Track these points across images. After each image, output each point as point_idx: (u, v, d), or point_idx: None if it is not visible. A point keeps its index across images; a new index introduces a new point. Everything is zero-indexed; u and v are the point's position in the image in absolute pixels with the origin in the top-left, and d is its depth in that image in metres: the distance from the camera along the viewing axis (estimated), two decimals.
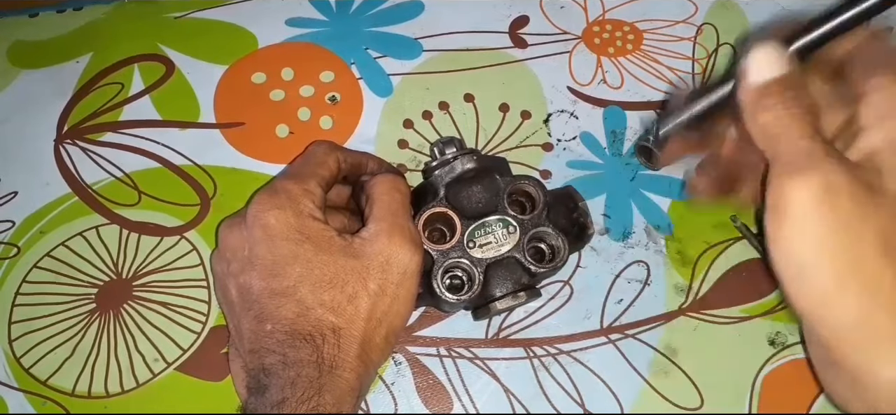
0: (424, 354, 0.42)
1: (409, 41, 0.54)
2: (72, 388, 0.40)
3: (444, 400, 0.40)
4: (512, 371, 0.41)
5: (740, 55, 0.30)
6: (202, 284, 0.44)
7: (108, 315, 0.43)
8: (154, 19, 0.55)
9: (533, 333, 0.42)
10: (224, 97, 0.51)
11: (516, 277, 0.40)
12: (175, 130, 0.50)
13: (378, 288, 0.35)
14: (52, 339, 0.42)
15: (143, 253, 0.45)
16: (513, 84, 0.52)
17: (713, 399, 0.40)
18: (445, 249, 0.39)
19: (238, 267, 0.35)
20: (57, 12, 0.56)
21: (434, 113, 0.50)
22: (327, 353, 0.33)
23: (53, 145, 0.49)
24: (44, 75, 0.52)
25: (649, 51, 0.54)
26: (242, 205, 0.41)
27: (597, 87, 0.52)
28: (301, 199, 0.36)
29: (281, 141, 0.49)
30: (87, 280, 0.44)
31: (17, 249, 0.45)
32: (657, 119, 0.36)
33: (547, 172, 0.48)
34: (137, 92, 0.51)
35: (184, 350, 0.42)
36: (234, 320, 0.36)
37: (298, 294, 0.34)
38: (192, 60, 0.53)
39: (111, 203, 0.46)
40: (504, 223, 0.39)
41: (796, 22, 0.32)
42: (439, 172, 0.41)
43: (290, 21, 0.55)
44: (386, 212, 0.37)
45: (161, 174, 0.48)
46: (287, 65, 0.53)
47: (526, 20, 0.55)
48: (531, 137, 0.49)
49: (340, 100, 0.51)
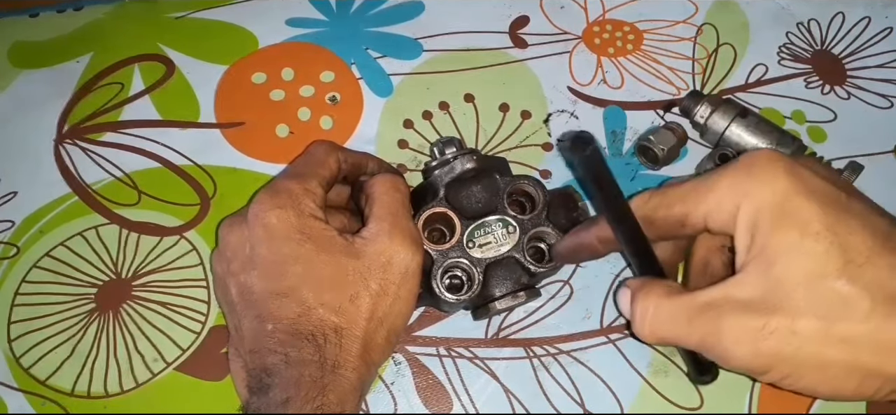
0: (424, 353, 0.42)
1: (410, 41, 0.54)
2: (71, 388, 0.40)
3: (443, 400, 0.40)
4: (512, 371, 0.41)
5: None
6: (202, 284, 0.44)
7: (108, 315, 0.43)
8: (154, 19, 0.55)
9: (533, 332, 0.42)
10: (224, 97, 0.51)
11: (516, 277, 0.40)
12: (175, 130, 0.50)
13: (379, 288, 0.35)
14: (51, 339, 0.42)
15: (142, 253, 0.45)
16: (513, 84, 0.52)
17: (713, 399, 0.40)
18: (445, 249, 0.39)
19: (239, 267, 0.35)
20: (57, 12, 0.56)
21: (434, 113, 0.50)
22: (329, 353, 0.33)
23: (53, 145, 0.49)
24: (44, 75, 0.52)
25: (649, 51, 0.54)
26: (242, 205, 0.41)
27: (597, 87, 0.52)
28: (302, 198, 0.36)
29: (281, 141, 0.49)
30: (87, 280, 0.44)
31: (16, 248, 0.45)
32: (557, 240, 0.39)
33: (547, 172, 0.48)
34: (137, 92, 0.51)
35: (183, 350, 0.42)
36: (235, 319, 0.36)
37: (300, 294, 0.34)
38: (192, 60, 0.53)
39: (111, 203, 0.46)
40: (504, 223, 0.39)
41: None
42: (439, 172, 0.41)
43: (291, 21, 0.55)
44: (386, 212, 0.37)
45: (161, 174, 0.48)
46: (287, 65, 0.53)
47: (526, 20, 0.55)
48: (531, 137, 0.49)
49: (340, 100, 0.51)
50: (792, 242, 0.28)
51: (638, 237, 0.34)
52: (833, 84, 0.52)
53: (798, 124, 0.50)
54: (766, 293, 0.28)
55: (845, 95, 0.52)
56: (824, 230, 0.27)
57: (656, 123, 0.50)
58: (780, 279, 0.28)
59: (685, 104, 0.48)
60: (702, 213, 0.31)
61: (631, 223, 0.33)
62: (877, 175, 0.47)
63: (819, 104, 0.51)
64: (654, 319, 0.31)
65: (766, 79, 0.53)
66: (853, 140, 0.49)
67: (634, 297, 0.32)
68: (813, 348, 0.27)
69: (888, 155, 0.49)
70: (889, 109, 0.51)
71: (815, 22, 0.56)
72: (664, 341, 0.31)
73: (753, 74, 0.53)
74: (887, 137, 0.50)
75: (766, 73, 0.53)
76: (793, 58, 0.54)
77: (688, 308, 0.30)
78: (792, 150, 0.44)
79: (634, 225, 0.33)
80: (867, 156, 0.48)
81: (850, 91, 0.52)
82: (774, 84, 0.52)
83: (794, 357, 0.27)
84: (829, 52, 0.54)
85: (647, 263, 0.34)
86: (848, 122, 0.50)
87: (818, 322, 0.27)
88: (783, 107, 0.51)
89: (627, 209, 0.33)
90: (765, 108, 0.51)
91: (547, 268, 0.39)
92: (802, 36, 0.55)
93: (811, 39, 0.55)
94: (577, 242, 0.38)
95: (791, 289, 0.27)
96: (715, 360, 0.30)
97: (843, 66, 0.54)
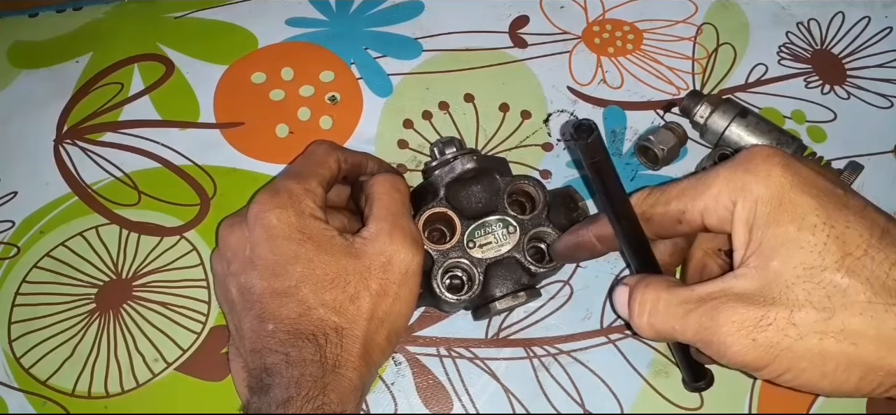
0: (424, 354, 0.42)
1: (409, 41, 0.54)
2: (72, 388, 0.40)
3: (444, 400, 0.40)
4: (512, 371, 0.41)
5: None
6: (202, 285, 0.44)
7: (108, 315, 0.43)
8: (154, 19, 0.55)
9: (533, 333, 0.42)
10: (224, 97, 0.51)
11: (516, 277, 0.40)
12: (175, 130, 0.50)
13: (380, 288, 0.35)
14: (51, 339, 0.42)
15: (142, 253, 0.45)
16: (513, 84, 0.52)
17: (713, 400, 0.40)
18: (445, 249, 0.39)
19: (239, 267, 0.35)
20: (57, 12, 0.56)
21: (434, 113, 0.50)
22: (330, 353, 0.33)
23: (53, 145, 0.49)
24: (44, 75, 0.52)
25: (649, 51, 0.54)
26: (242, 205, 0.41)
27: (597, 87, 0.52)
28: (302, 198, 0.36)
29: (281, 141, 0.49)
30: (87, 280, 0.44)
31: (16, 249, 0.45)
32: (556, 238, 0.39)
33: (547, 172, 0.48)
34: (137, 92, 0.51)
35: (184, 350, 0.42)
36: (235, 319, 0.36)
37: (300, 294, 0.34)
38: (192, 60, 0.53)
39: (111, 203, 0.46)
40: (504, 223, 0.39)
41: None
42: (439, 172, 0.41)
43: (290, 21, 0.55)
44: (386, 212, 0.37)
45: (161, 174, 0.48)
46: (287, 65, 0.52)
47: (526, 20, 0.55)
48: (531, 137, 0.49)
49: (340, 100, 0.51)
50: (790, 236, 0.28)
51: (637, 232, 0.34)
52: (833, 84, 0.52)
53: (798, 124, 0.50)
54: (764, 286, 0.28)
55: (845, 95, 0.52)
56: (822, 223, 0.28)
57: (656, 122, 0.50)
58: (778, 272, 0.28)
59: (685, 104, 0.48)
60: (699, 209, 0.31)
61: (630, 216, 0.33)
62: (877, 175, 0.47)
63: (819, 104, 0.51)
64: (653, 312, 0.31)
65: (765, 79, 0.53)
66: (853, 140, 0.49)
67: (633, 291, 0.32)
68: (812, 340, 0.27)
69: (888, 155, 0.49)
70: (889, 108, 0.51)
71: (815, 22, 0.56)
72: (662, 334, 0.32)
73: (753, 74, 0.53)
74: (887, 137, 0.50)
75: (765, 73, 0.53)
76: (793, 58, 0.54)
77: (685, 301, 0.30)
78: (792, 150, 0.44)
79: (633, 218, 0.33)
80: (867, 156, 0.48)
81: (850, 91, 0.52)
82: (774, 84, 0.52)
83: (792, 350, 0.27)
84: (828, 51, 0.54)
85: (645, 260, 0.34)
86: (848, 122, 0.50)
87: (817, 314, 0.27)
88: (783, 107, 0.51)
89: (627, 200, 0.33)
90: (765, 108, 0.51)
91: (547, 268, 0.39)
92: (802, 36, 0.55)
93: (811, 39, 0.55)
94: (575, 240, 0.38)
95: (790, 282, 0.27)
96: (712, 355, 0.30)
97: (843, 65, 0.54)
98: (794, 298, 0.27)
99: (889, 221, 0.28)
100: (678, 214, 0.32)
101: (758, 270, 0.28)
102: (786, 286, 0.28)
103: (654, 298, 0.31)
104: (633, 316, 0.32)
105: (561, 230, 0.39)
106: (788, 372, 0.28)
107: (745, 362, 0.29)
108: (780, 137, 0.45)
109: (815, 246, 0.27)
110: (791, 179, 0.29)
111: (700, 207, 0.31)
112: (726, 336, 0.28)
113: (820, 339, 0.27)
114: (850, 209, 0.28)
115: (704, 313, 0.29)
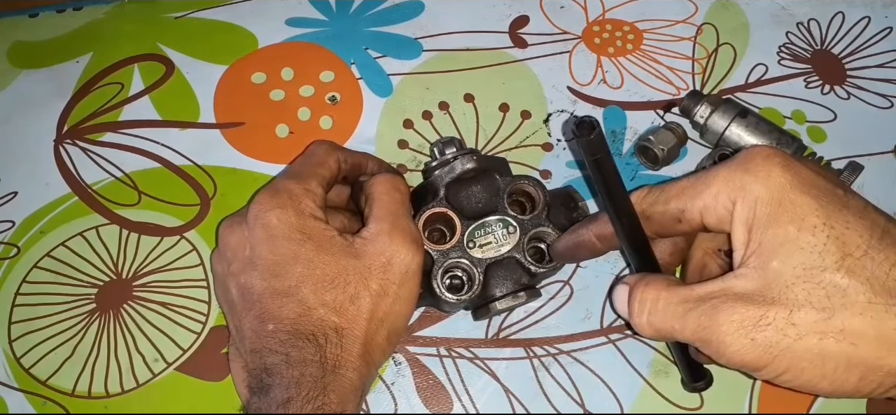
0: (424, 354, 0.42)
1: (409, 41, 0.54)
2: (72, 388, 0.40)
3: (444, 400, 0.40)
4: (512, 371, 0.41)
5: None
6: (202, 285, 0.44)
7: (108, 315, 0.43)
8: (154, 19, 0.55)
9: (533, 333, 0.42)
10: (224, 97, 0.51)
11: (516, 277, 0.40)
12: (175, 130, 0.50)
13: (380, 288, 0.35)
14: (52, 339, 0.42)
15: (142, 253, 0.45)
16: (513, 84, 0.52)
17: (713, 400, 0.40)
18: (445, 250, 0.39)
19: (239, 267, 0.35)
20: (57, 12, 0.56)
21: (434, 113, 0.50)
22: (330, 353, 0.33)
23: (53, 145, 0.49)
24: (44, 75, 0.52)
25: (649, 51, 0.54)
26: (242, 205, 0.41)
27: (597, 87, 0.52)
28: (302, 198, 0.36)
29: (281, 141, 0.49)
30: (87, 280, 0.44)
31: (17, 249, 0.45)
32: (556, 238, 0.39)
33: (547, 172, 0.48)
34: (137, 92, 0.51)
35: (184, 350, 0.42)
36: (235, 319, 0.36)
37: (300, 294, 0.34)
38: (192, 60, 0.53)
39: (111, 203, 0.46)
40: (504, 223, 0.39)
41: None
42: (439, 172, 0.41)
43: (290, 21, 0.55)
44: (386, 212, 0.37)
45: (161, 174, 0.48)
46: (287, 65, 0.53)
47: (526, 20, 0.55)
48: (531, 137, 0.49)
49: (340, 100, 0.51)
50: (789, 236, 0.28)
51: (637, 231, 0.34)
52: (833, 84, 0.52)
53: (798, 124, 0.50)
54: (763, 286, 0.28)
55: (845, 95, 0.52)
56: (822, 224, 0.28)
57: (656, 123, 0.50)
58: (778, 272, 0.28)
59: (685, 104, 0.48)
60: (698, 208, 0.31)
61: (631, 214, 0.33)
62: (877, 175, 0.47)
63: (819, 104, 0.51)
64: (653, 310, 0.31)
65: (765, 79, 0.53)
66: (853, 140, 0.49)
67: (633, 290, 0.32)
68: (811, 340, 0.27)
69: (888, 155, 0.49)
70: (889, 108, 0.51)
71: (815, 22, 0.56)
72: (661, 333, 0.32)
73: (753, 74, 0.53)
74: (887, 137, 0.50)
75: (765, 73, 0.53)
76: (793, 58, 0.54)
77: (685, 300, 0.30)
78: (792, 150, 0.44)
79: (634, 216, 0.33)
80: (867, 156, 0.48)
81: (850, 91, 0.52)
82: (774, 84, 0.52)
83: (792, 350, 0.27)
84: (828, 52, 0.54)
85: (645, 258, 0.34)
86: (848, 122, 0.50)
87: (817, 314, 0.27)
88: (783, 107, 0.51)
89: (628, 198, 0.33)
90: (765, 108, 0.51)
91: (547, 268, 0.39)
92: (802, 36, 0.55)
93: (811, 39, 0.55)
94: (575, 239, 0.38)
95: (789, 282, 0.27)
96: (711, 355, 0.30)
97: (843, 66, 0.54)
98: (794, 299, 0.27)
99: (889, 222, 0.28)
100: (677, 213, 0.32)
101: (757, 270, 0.28)
102: (785, 286, 0.28)
103: (654, 297, 0.31)
104: (632, 315, 0.32)
105: (561, 230, 0.39)
106: (788, 372, 0.28)
107: (743, 362, 0.29)
108: (780, 137, 0.45)
109: (815, 246, 0.27)
110: (791, 179, 0.29)
111: (699, 207, 0.31)
112: (725, 336, 0.28)
113: (819, 339, 0.27)
114: (849, 210, 0.28)
115: (704, 312, 0.29)
